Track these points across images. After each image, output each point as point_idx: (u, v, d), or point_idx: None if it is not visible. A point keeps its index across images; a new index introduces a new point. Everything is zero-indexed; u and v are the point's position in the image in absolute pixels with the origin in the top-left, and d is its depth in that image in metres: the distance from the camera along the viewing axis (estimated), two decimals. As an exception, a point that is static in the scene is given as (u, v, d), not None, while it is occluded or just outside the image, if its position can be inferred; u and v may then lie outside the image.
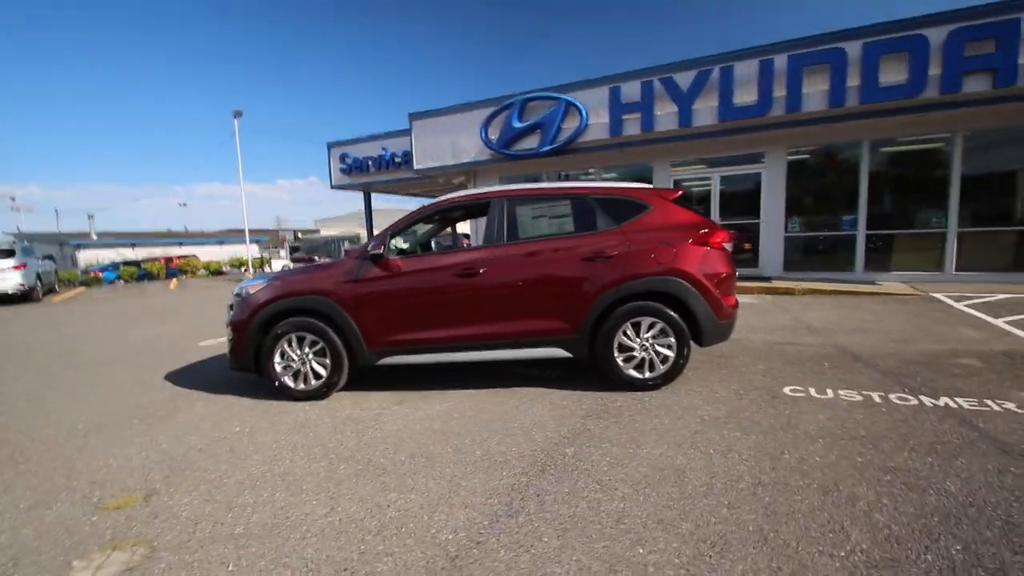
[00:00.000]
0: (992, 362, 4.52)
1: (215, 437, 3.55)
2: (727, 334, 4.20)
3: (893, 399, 3.69)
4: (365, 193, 18.24)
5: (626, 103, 10.50)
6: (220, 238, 44.48)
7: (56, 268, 20.16)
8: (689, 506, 2.37)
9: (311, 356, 4.23)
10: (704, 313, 3.99)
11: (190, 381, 5.11)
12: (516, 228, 4.27)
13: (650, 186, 4.37)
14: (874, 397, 3.74)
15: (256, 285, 4.37)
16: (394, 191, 19.63)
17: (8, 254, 14.02)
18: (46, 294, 16.69)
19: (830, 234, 10.48)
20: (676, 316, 3.98)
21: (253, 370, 4.32)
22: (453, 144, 12.86)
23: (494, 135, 12.13)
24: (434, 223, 5.29)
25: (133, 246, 37.18)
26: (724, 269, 4.10)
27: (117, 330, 8.89)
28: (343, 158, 16.52)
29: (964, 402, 3.56)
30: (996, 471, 2.60)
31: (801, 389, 3.99)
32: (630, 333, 4.05)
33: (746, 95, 9.51)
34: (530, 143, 11.72)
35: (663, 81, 10.10)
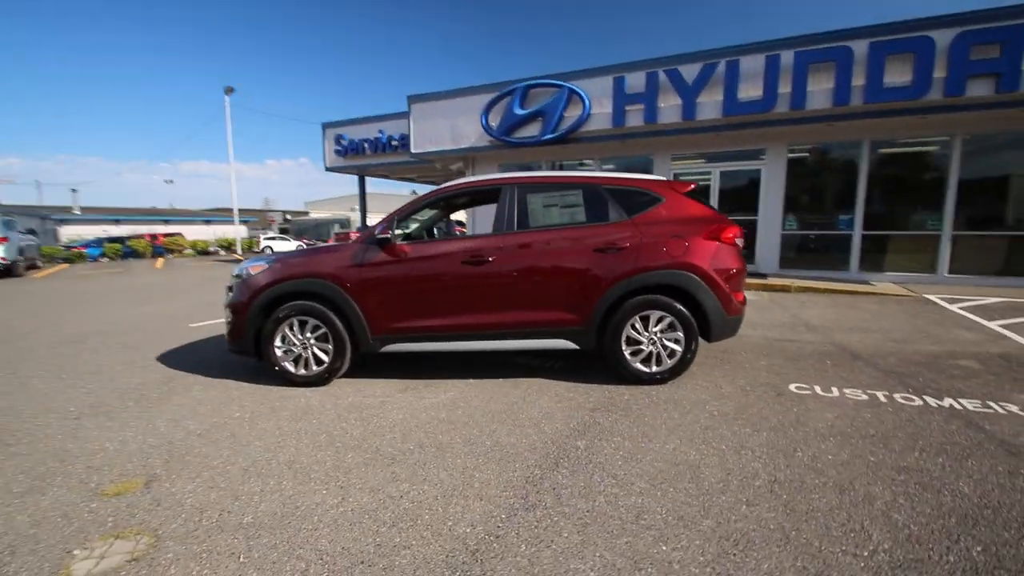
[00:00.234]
0: (990, 364, 4.56)
1: (214, 422, 3.45)
2: (735, 330, 4.18)
3: (898, 399, 3.70)
4: (360, 176, 17.96)
5: (630, 94, 10.40)
6: (207, 217, 43.67)
7: (39, 243, 19.66)
8: (708, 503, 2.34)
9: (313, 341, 4.13)
10: (714, 308, 3.97)
11: (184, 363, 4.98)
12: (527, 216, 4.19)
13: (663, 178, 4.31)
14: (879, 396, 3.76)
15: (257, 266, 4.25)
16: (389, 175, 19.35)
17: (-12, 227, 13.61)
18: (28, 269, 16.27)
19: (826, 233, 10.54)
20: (685, 310, 3.95)
21: (252, 354, 4.22)
22: (452, 129, 12.68)
23: (495, 121, 11.96)
24: (440, 209, 5.19)
25: (117, 222, 36.34)
26: (735, 265, 4.07)
27: (103, 309, 8.68)
28: (338, 139, 16.21)
29: (968, 403, 3.59)
30: (1007, 473, 2.61)
31: (806, 387, 3.99)
32: (638, 326, 4.01)
33: (751, 90, 9.47)
34: (531, 131, 11.58)
35: (668, 73, 10.01)
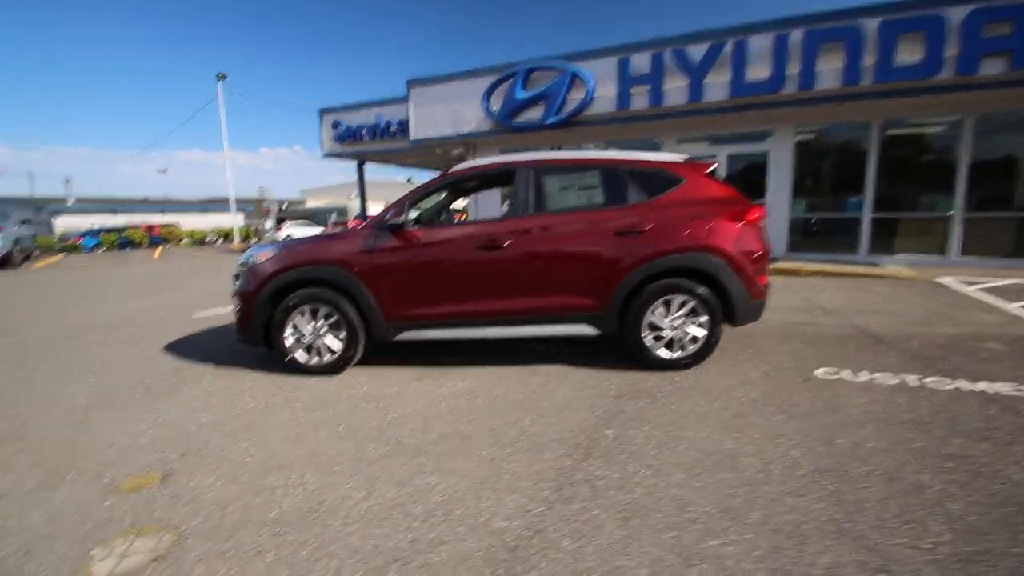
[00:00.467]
0: (1016, 347, 4.46)
1: (228, 413, 3.34)
2: (759, 314, 4.07)
3: (929, 383, 3.60)
4: (358, 162, 17.69)
5: (635, 75, 10.16)
6: (203, 206, 43.20)
7: (34, 234, 19.42)
8: (752, 494, 2.25)
9: (325, 330, 4.01)
10: (738, 292, 3.85)
11: (191, 354, 4.86)
12: (543, 199, 4.05)
13: (682, 158, 4.16)
14: (909, 381, 3.66)
15: (265, 254, 4.11)
16: (388, 161, 19.08)
17: (-18, 218, 13.39)
18: (24, 261, 16.05)
19: (835, 215, 10.40)
20: (710, 294, 3.84)
21: (262, 343, 4.10)
22: (453, 113, 12.43)
23: (496, 105, 11.72)
24: (450, 193, 5.04)
25: (113, 212, 35.93)
26: (759, 247, 3.95)
27: (104, 300, 8.54)
28: (336, 125, 15.91)
29: (1002, 388, 3.49)
30: (1056, 459, 2.52)
31: (833, 371, 3.89)
32: (660, 311, 3.90)
33: (759, 71, 9.25)
34: (534, 115, 11.34)
35: (674, 53, 9.78)
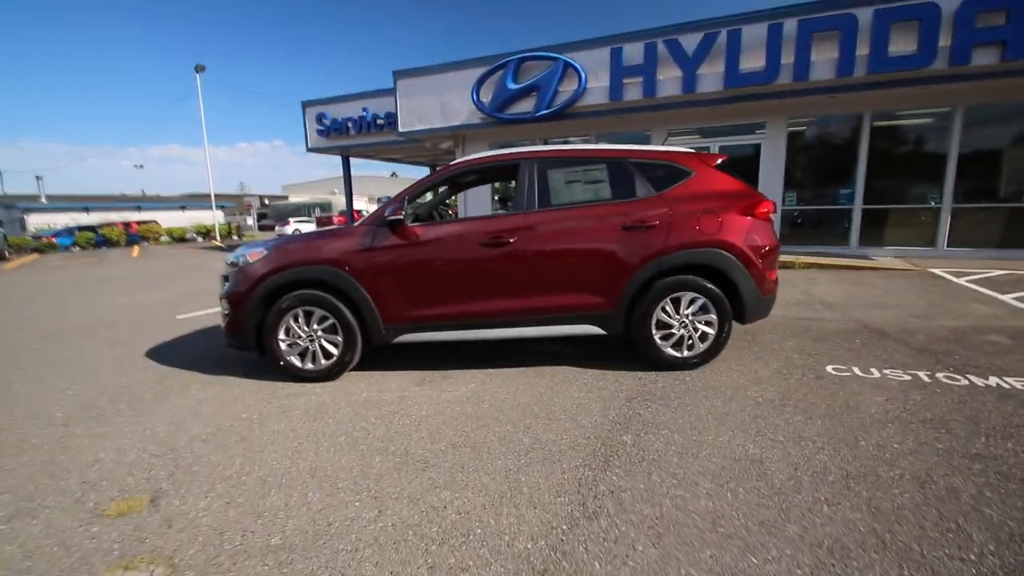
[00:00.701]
0: (1021, 339, 4.45)
1: (220, 425, 3.15)
2: (768, 310, 3.98)
3: (942, 379, 3.55)
4: (344, 157, 17.32)
5: (628, 66, 10.02)
6: (182, 203, 42.17)
7: (5, 233, 18.71)
8: (785, 503, 2.14)
9: (320, 333, 3.82)
10: (749, 288, 3.75)
11: (177, 358, 4.63)
12: (548, 193, 3.89)
13: (691, 150, 4.04)
14: (922, 376, 3.60)
15: (255, 253, 3.90)
16: (375, 155, 18.74)
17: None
18: (-5, 261, 15.44)
19: (826, 207, 10.42)
20: (719, 291, 3.73)
21: (254, 348, 3.90)
22: (442, 105, 12.16)
23: (486, 97, 11.49)
24: (448, 188, 4.86)
25: (87, 210, 34.85)
26: (769, 242, 3.85)
27: (83, 301, 8.19)
28: (320, 118, 15.53)
29: (1015, 382, 3.45)
30: (1085, 458, 2.46)
31: (844, 368, 3.82)
32: (669, 309, 3.78)
33: (753, 61, 9.17)
34: (525, 106, 11.14)
35: (667, 44, 9.65)
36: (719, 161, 3.97)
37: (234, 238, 29.38)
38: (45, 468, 2.65)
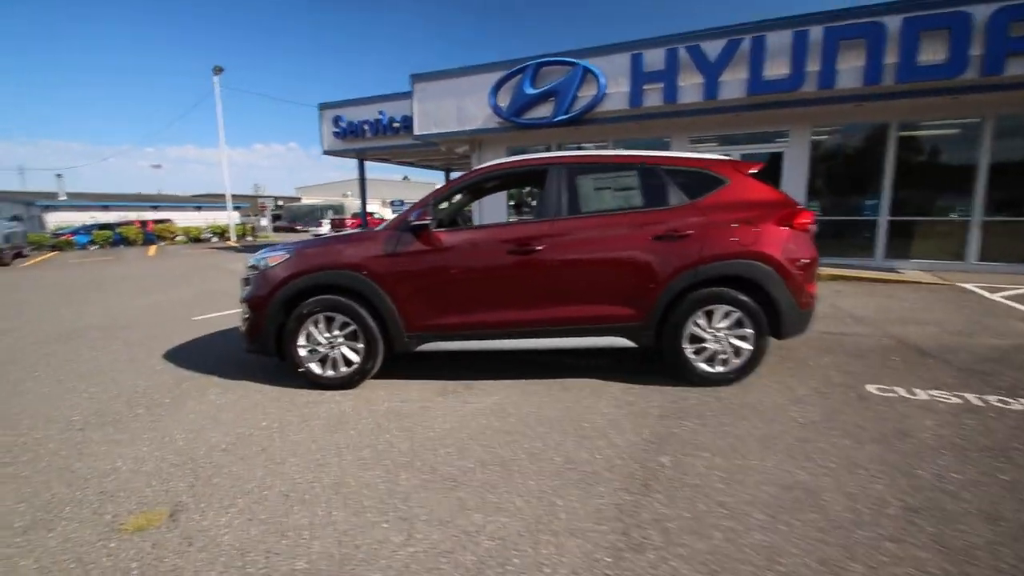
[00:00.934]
0: (1069, 360, 4.24)
1: (239, 433, 3.05)
2: (807, 325, 3.82)
3: (994, 402, 3.36)
4: (359, 160, 17.33)
5: (648, 72, 9.90)
6: (198, 203, 42.60)
7: (25, 230, 18.95)
8: (846, 540, 1.98)
9: (341, 340, 3.72)
10: (787, 302, 3.60)
11: (194, 362, 4.56)
12: (577, 200, 3.77)
13: (726, 158, 3.90)
14: (971, 399, 3.42)
15: (276, 257, 3.82)
16: (390, 159, 18.73)
17: (-30, 213, 12.96)
18: (15, 258, 15.62)
19: (851, 218, 10.18)
20: (756, 305, 3.58)
21: (273, 353, 3.81)
22: (459, 110, 12.11)
23: (504, 102, 11.41)
24: (472, 193, 4.76)
25: (105, 208, 35.27)
26: (809, 253, 3.70)
27: (99, 300, 8.19)
28: (337, 121, 15.56)
29: (1073, 407, 3.26)
30: None
31: (886, 388, 3.64)
32: (702, 322, 3.64)
33: (778, 68, 9.01)
34: (543, 112, 11.05)
35: (689, 50, 9.52)
36: (755, 169, 3.83)
37: (249, 239, 29.58)
38: (62, 476, 2.56)
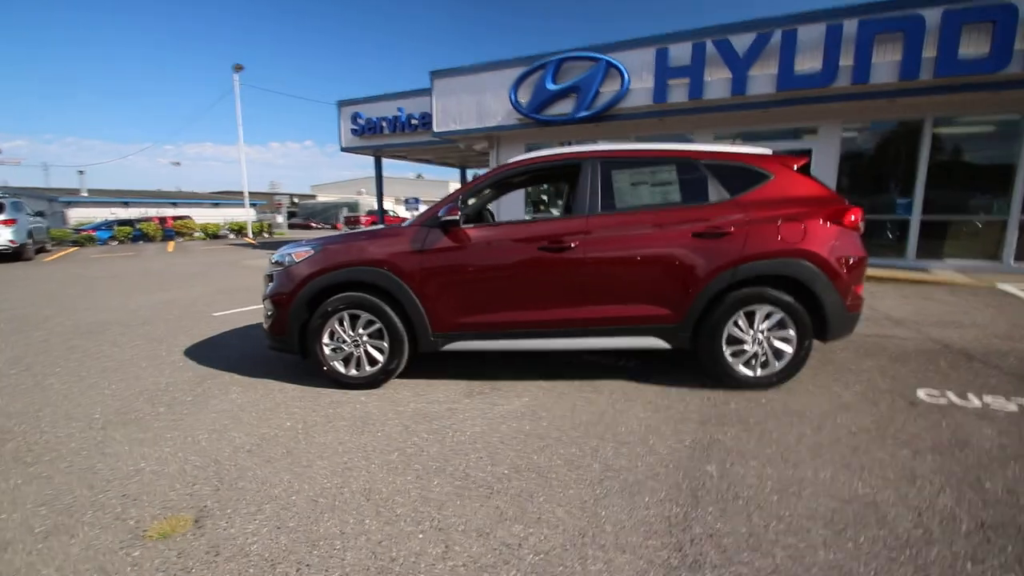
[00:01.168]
0: None
1: (264, 434, 2.96)
2: (852, 328, 3.63)
3: (1057, 411, 3.16)
4: (376, 158, 17.31)
5: (674, 67, 9.67)
6: (215, 200, 43.14)
7: (48, 225, 19.26)
8: (921, 559, 1.82)
9: (366, 338, 3.62)
10: (833, 303, 3.41)
11: (215, 359, 4.49)
12: (612, 195, 3.63)
13: (770, 151, 3.72)
14: (1031, 407, 3.21)
15: (301, 252, 3.72)
16: (407, 156, 18.68)
17: (-3, 208, 13.16)
18: (37, 253, 15.86)
19: (882, 217, 9.86)
20: (800, 306, 3.40)
21: (297, 351, 3.72)
22: (478, 106, 11.98)
23: (524, 98, 11.26)
24: (500, 188, 4.63)
25: (125, 204, 35.86)
26: (857, 252, 3.50)
27: (119, 295, 8.21)
28: (355, 118, 15.54)
29: None
30: None
31: (937, 393, 3.45)
32: (742, 323, 3.47)
33: (809, 62, 8.73)
34: (564, 108, 10.87)
35: (717, 44, 9.27)
36: (802, 164, 3.64)
37: (265, 235, 29.80)
38: (84, 477, 2.49)
